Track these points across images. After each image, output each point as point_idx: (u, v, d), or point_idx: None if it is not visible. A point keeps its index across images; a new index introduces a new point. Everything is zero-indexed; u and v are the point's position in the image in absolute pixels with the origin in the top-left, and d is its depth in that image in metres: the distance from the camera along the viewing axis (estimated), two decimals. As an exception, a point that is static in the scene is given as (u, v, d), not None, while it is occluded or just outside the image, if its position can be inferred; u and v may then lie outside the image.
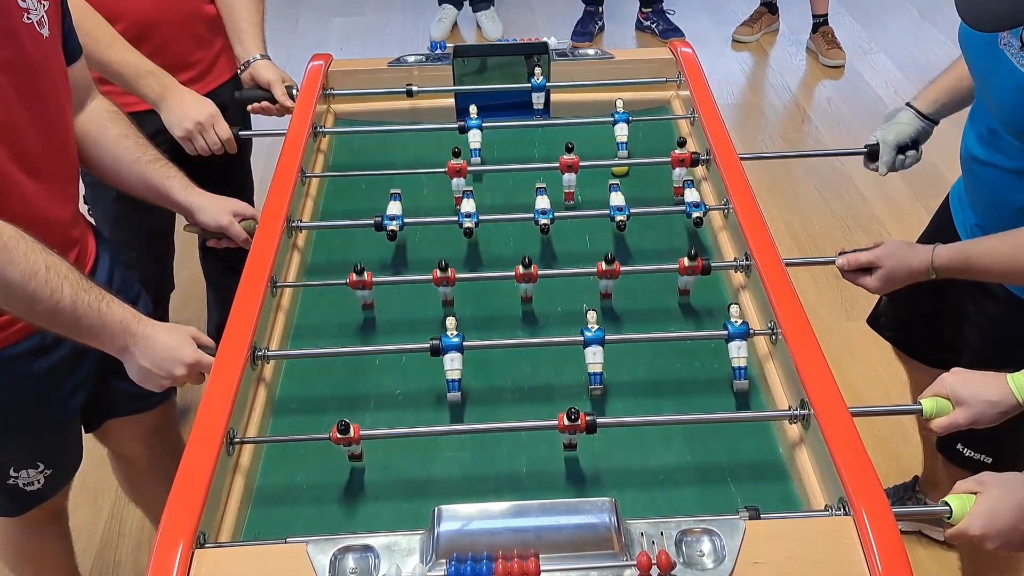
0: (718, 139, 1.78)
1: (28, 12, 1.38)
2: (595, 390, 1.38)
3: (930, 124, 1.80)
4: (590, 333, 1.38)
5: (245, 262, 1.50)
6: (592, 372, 1.38)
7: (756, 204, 1.61)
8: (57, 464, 1.64)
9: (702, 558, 1.07)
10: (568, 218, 1.74)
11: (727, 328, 1.40)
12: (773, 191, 3.46)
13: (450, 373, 1.37)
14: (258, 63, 2.00)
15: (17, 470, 1.59)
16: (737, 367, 1.40)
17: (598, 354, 1.37)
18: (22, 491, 1.61)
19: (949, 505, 1.16)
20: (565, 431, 1.25)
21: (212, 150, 1.92)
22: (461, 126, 1.88)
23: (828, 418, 1.21)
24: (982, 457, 1.71)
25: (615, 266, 1.50)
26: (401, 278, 1.64)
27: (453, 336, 1.37)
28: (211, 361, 1.39)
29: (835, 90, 4.17)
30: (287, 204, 1.64)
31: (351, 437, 1.25)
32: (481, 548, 1.05)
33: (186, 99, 1.88)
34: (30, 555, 1.83)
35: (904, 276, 1.57)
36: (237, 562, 1.09)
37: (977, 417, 1.28)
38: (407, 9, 4.94)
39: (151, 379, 1.41)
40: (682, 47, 2.07)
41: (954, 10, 1.31)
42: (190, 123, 1.87)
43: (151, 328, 1.38)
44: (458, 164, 1.74)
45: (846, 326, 2.88)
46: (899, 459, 2.43)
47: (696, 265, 1.52)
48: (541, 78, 2.02)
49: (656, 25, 4.61)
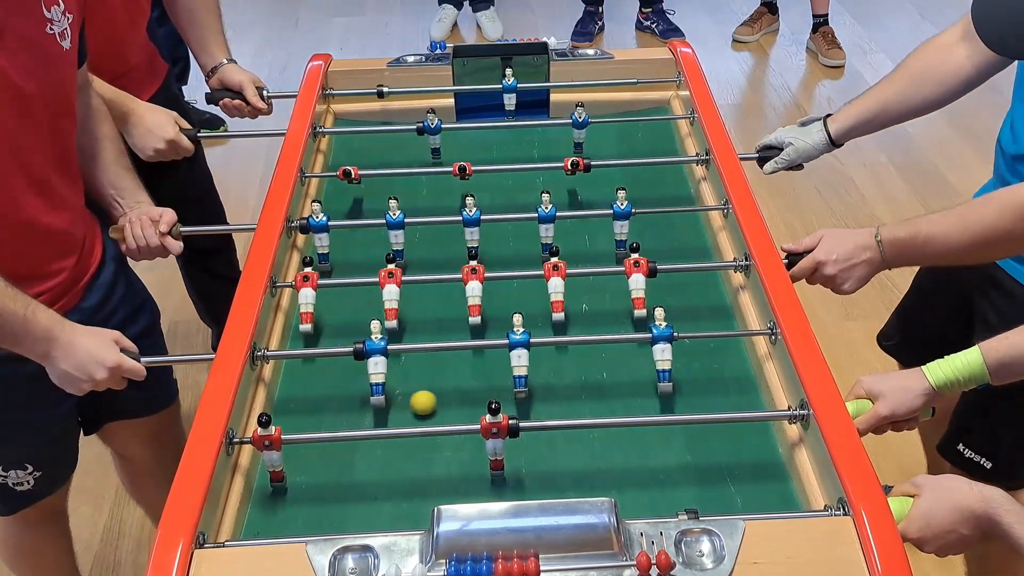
0: (718, 139, 1.78)
1: (52, 23, 1.40)
2: (519, 393, 1.38)
3: (831, 148, 1.76)
4: (515, 336, 1.38)
5: (226, 267, 1.49)
6: (517, 375, 1.38)
7: (756, 204, 1.61)
8: (47, 466, 1.64)
9: (701, 558, 1.07)
10: (568, 218, 1.74)
11: (652, 331, 1.40)
12: (773, 191, 3.46)
13: (374, 377, 1.37)
14: (226, 67, 2.01)
15: (6, 470, 1.59)
16: (661, 370, 1.39)
17: (523, 357, 1.38)
18: (12, 491, 1.62)
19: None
20: (487, 431, 1.24)
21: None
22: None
23: (828, 418, 1.21)
24: (981, 460, 1.70)
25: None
26: (410, 277, 1.63)
27: (377, 339, 1.37)
28: (133, 364, 1.40)
29: (835, 90, 4.17)
30: (287, 204, 1.64)
31: (271, 435, 1.23)
32: (481, 548, 1.05)
33: (146, 119, 1.84)
34: (28, 554, 1.83)
35: (850, 247, 1.49)
36: (236, 562, 1.09)
37: (894, 406, 1.29)
38: (407, 9, 4.94)
39: (72, 383, 1.41)
40: (682, 47, 2.07)
41: (954, 10, 1.31)
42: (160, 143, 1.83)
43: (73, 333, 1.39)
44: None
45: (846, 326, 2.88)
46: (899, 459, 2.42)
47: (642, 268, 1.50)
48: (512, 79, 2.01)
49: (656, 25, 4.61)
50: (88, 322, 1.49)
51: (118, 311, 1.64)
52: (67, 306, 1.53)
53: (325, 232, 1.64)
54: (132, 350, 1.43)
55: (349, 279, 1.62)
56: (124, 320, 1.64)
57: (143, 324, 1.71)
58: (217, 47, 2.01)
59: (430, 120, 1.89)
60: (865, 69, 4.28)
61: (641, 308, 1.50)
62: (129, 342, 1.44)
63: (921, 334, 1.89)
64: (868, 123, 1.72)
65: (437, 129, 1.90)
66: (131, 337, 1.58)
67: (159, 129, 1.82)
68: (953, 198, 3.20)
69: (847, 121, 1.73)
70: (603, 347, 1.50)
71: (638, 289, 1.51)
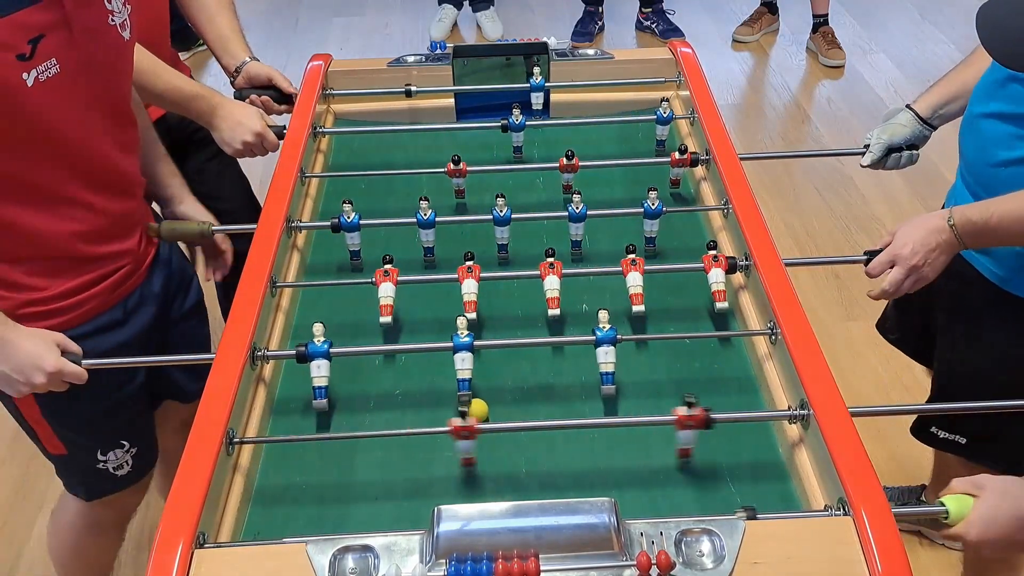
0: (718, 139, 1.78)
1: (113, 14, 1.42)
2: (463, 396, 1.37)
3: (928, 128, 1.79)
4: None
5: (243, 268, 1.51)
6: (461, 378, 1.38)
7: (756, 204, 1.61)
8: (141, 442, 1.67)
9: (702, 558, 1.07)
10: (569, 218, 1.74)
11: (595, 333, 1.39)
12: (773, 191, 3.47)
13: (316, 380, 1.37)
14: (250, 65, 2.01)
15: (104, 453, 1.61)
16: (604, 372, 1.39)
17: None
18: (113, 476, 1.65)
19: (945, 505, 1.15)
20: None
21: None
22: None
23: (828, 418, 1.21)
24: (956, 437, 1.74)
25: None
26: (409, 277, 1.63)
27: (320, 343, 1.37)
28: (75, 369, 1.40)
29: (835, 90, 4.17)
30: (287, 204, 1.64)
31: (470, 427, 1.23)
32: (481, 548, 1.05)
33: (235, 113, 1.86)
34: (83, 554, 1.86)
35: (923, 233, 1.50)
36: (237, 562, 1.09)
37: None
38: (407, 9, 4.94)
39: (11, 385, 1.40)
40: (682, 47, 2.07)
41: (954, 10, 1.32)
42: (250, 136, 1.85)
43: (14, 333, 1.39)
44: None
45: (846, 326, 2.88)
46: (899, 459, 2.43)
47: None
48: (540, 78, 2.02)
49: (656, 25, 4.61)
50: (156, 299, 1.59)
51: (175, 288, 1.69)
52: (134, 285, 1.59)
53: (356, 231, 1.64)
54: (75, 352, 1.43)
55: (349, 279, 1.62)
56: (177, 295, 1.69)
57: (193, 300, 1.75)
58: (238, 46, 2.02)
59: (515, 117, 1.90)
60: (865, 69, 4.28)
61: (639, 304, 1.50)
62: (73, 344, 1.43)
63: (912, 326, 1.94)
64: (952, 100, 1.75)
65: (521, 126, 1.90)
66: (181, 313, 1.67)
67: (248, 123, 1.84)
68: (953, 198, 3.20)
69: (930, 99, 1.77)
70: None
71: (636, 286, 1.51)
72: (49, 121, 1.36)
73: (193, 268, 1.81)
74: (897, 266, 1.54)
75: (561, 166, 1.77)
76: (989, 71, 1.59)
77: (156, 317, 1.63)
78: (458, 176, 1.77)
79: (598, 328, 1.39)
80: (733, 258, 1.54)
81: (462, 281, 1.51)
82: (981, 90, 1.60)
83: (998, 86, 1.54)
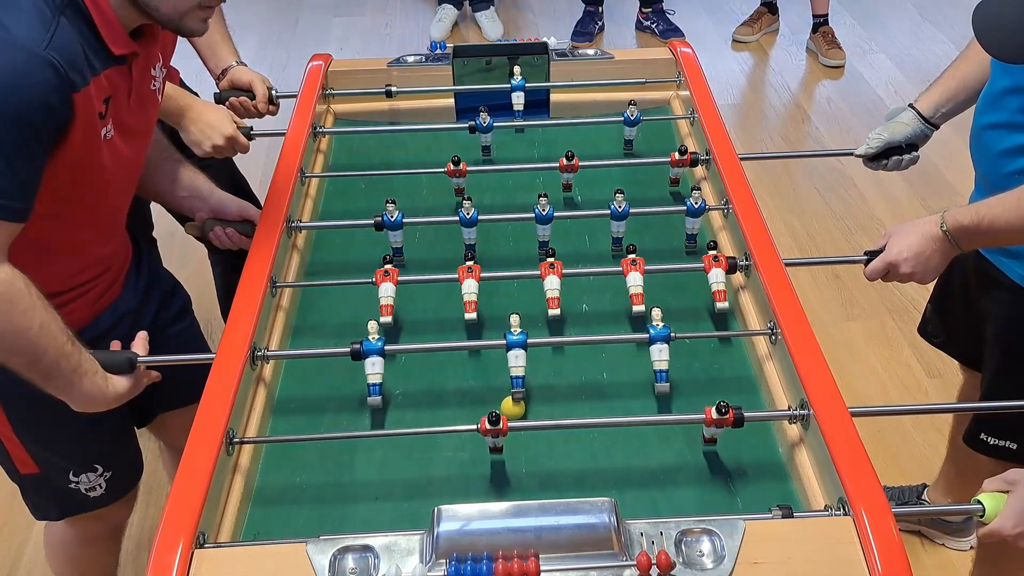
0: (718, 139, 1.78)
1: (155, 80, 1.45)
2: (516, 392, 1.38)
3: (930, 128, 1.79)
4: (513, 336, 1.38)
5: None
6: (514, 376, 1.38)
7: (756, 204, 1.61)
8: (116, 466, 1.65)
9: (702, 558, 1.07)
10: (568, 218, 1.74)
11: (649, 331, 1.40)
12: (773, 191, 3.46)
13: (371, 377, 1.37)
14: (235, 69, 2.00)
15: (77, 475, 1.60)
16: (658, 370, 1.39)
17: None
18: (86, 497, 1.63)
19: (982, 503, 1.16)
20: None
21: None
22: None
23: (828, 418, 1.21)
24: (1007, 443, 1.72)
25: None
26: (409, 277, 1.63)
27: (374, 340, 1.37)
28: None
29: (835, 90, 4.17)
30: (287, 204, 1.64)
31: (500, 428, 1.24)
32: (481, 548, 1.05)
33: (204, 115, 1.84)
34: (79, 565, 1.85)
35: (918, 241, 1.51)
36: (237, 562, 1.09)
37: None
38: (407, 9, 4.94)
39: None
40: (682, 47, 2.08)
41: (954, 10, 1.32)
42: (220, 139, 1.82)
43: (110, 391, 1.38)
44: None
45: (846, 326, 2.88)
46: (899, 459, 2.43)
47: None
48: (520, 78, 2.01)
49: (656, 25, 4.61)
50: (129, 313, 1.56)
51: (156, 299, 1.67)
52: (107, 302, 1.55)
53: (399, 229, 1.65)
54: (134, 354, 1.43)
55: (349, 279, 1.62)
56: (159, 304, 1.66)
57: (177, 306, 1.73)
58: (226, 50, 2.02)
59: (482, 119, 1.91)
60: (865, 69, 4.28)
61: (639, 304, 1.50)
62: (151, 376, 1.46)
63: (956, 329, 1.91)
64: (952, 98, 1.75)
65: (489, 128, 1.91)
66: (167, 319, 1.64)
67: (219, 125, 1.82)
68: (953, 198, 3.20)
69: (931, 97, 1.77)
70: (603, 347, 1.50)
71: (636, 286, 1.51)
72: (104, 179, 1.38)
73: (173, 279, 1.78)
74: (891, 274, 1.55)
75: (561, 166, 1.78)
76: (990, 83, 1.59)
77: (134, 330, 1.57)
78: (458, 176, 1.78)
79: (651, 326, 1.40)
80: (733, 258, 1.54)
81: (462, 281, 1.51)
82: (983, 101, 1.61)
83: (997, 97, 1.55)
